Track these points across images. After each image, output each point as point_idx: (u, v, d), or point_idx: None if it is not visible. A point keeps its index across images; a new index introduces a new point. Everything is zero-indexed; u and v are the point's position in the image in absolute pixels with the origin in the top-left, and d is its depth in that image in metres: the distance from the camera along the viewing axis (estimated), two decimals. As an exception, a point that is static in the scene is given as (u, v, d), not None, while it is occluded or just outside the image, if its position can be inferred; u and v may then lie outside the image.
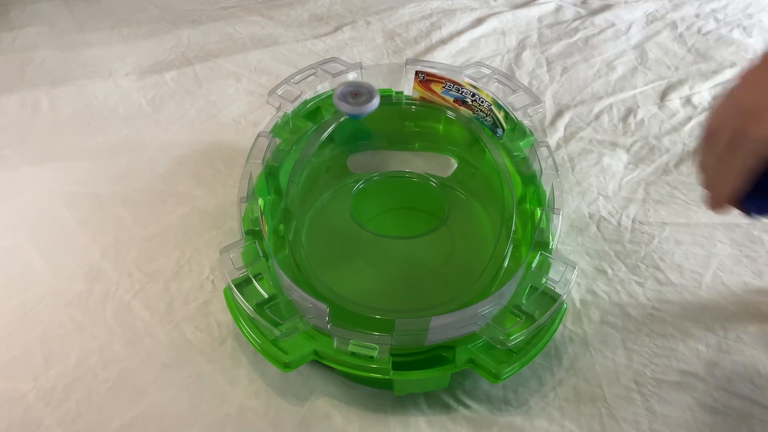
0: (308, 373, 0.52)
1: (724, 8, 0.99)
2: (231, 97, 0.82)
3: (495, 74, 0.66)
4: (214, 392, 0.51)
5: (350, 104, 0.61)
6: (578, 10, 1.00)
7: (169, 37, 0.94)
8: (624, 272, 0.60)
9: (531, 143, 0.62)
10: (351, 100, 0.61)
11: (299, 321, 0.48)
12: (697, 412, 0.50)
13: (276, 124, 0.63)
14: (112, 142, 0.75)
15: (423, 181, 0.66)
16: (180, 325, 0.56)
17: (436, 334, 0.47)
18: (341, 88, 0.62)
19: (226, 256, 0.51)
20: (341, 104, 0.61)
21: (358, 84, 0.63)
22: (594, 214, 0.66)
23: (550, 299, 0.49)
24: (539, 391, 0.51)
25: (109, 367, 0.52)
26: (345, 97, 0.61)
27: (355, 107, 0.61)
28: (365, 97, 0.61)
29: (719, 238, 0.63)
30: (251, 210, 0.54)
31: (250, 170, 0.57)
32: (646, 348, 0.54)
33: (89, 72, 0.87)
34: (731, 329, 0.55)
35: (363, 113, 0.61)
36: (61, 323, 0.56)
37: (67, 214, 0.66)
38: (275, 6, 1.02)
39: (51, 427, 0.49)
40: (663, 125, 0.77)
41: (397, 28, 0.96)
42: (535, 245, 0.53)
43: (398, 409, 0.50)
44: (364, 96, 0.61)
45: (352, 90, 0.62)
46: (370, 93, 0.62)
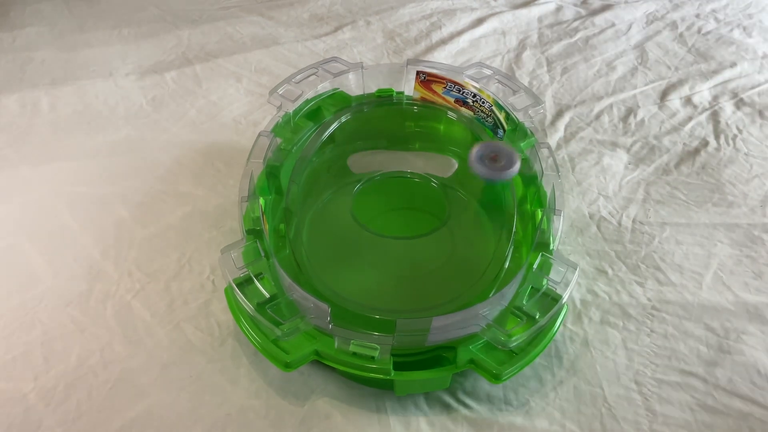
0: (309, 373, 0.52)
1: (724, 8, 0.99)
2: (231, 97, 0.82)
3: (496, 75, 0.66)
4: (214, 392, 0.51)
5: (489, 168, 0.57)
6: (578, 10, 1.00)
7: (169, 37, 0.94)
8: (624, 272, 0.60)
9: (532, 144, 0.62)
10: (489, 164, 0.57)
11: (300, 321, 0.48)
12: (697, 412, 0.50)
13: (277, 124, 0.63)
14: (112, 142, 0.75)
15: (424, 181, 0.66)
16: (180, 325, 0.56)
17: (437, 334, 0.47)
18: (476, 149, 0.58)
19: (227, 255, 0.51)
20: (478, 168, 0.57)
21: (495, 146, 0.59)
22: (594, 215, 0.66)
23: (551, 300, 0.49)
24: (540, 391, 0.51)
25: (110, 367, 0.52)
26: (483, 160, 0.57)
27: (494, 172, 0.57)
28: (505, 161, 0.57)
29: (719, 238, 0.63)
30: (252, 209, 0.54)
31: (250, 170, 0.57)
32: (646, 348, 0.54)
33: (89, 72, 0.87)
34: (731, 329, 0.55)
35: (504, 179, 0.58)
36: (62, 323, 0.56)
37: (67, 214, 0.66)
38: (275, 6, 1.02)
39: (51, 427, 0.49)
40: (663, 125, 0.77)
41: (398, 28, 0.96)
42: (536, 246, 0.53)
43: (399, 409, 0.50)
44: (504, 161, 0.57)
45: (490, 152, 0.58)
46: (510, 157, 0.58)
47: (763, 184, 0.69)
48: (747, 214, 0.66)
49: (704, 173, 0.70)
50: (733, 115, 0.78)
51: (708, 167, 0.71)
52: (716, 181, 0.69)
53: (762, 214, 0.66)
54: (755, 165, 0.71)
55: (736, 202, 0.67)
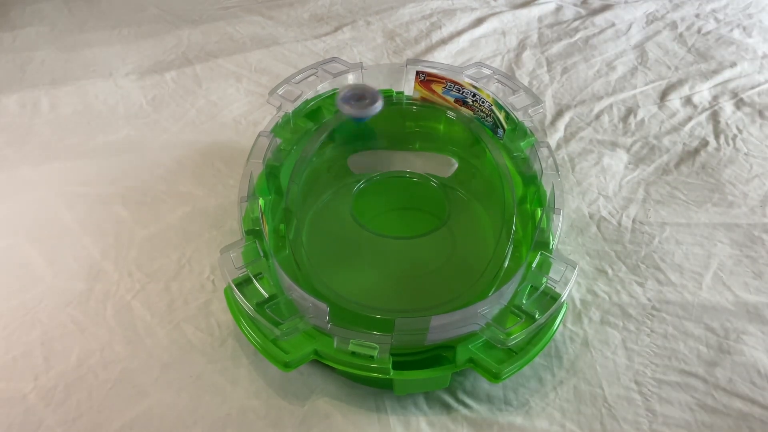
0: (309, 373, 0.52)
1: (724, 8, 0.99)
2: (231, 97, 0.82)
3: (495, 74, 0.66)
4: (214, 392, 0.51)
5: (354, 107, 0.61)
6: (578, 10, 1.00)
7: (169, 37, 0.94)
8: (624, 272, 0.60)
9: (531, 143, 0.62)
10: (354, 103, 0.61)
11: (299, 321, 0.48)
12: (697, 412, 0.50)
13: (277, 124, 0.63)
14: (112, 142, 0.75)
15: (424, 181, 0.66)
16: (180, 325, 0.56)
17: (437, 333, 0.47)
18: (344, 92, 0.62)
19: (227, 255, 0.51)
20: (344, 107, 0.61)
21: (362, 87, 0.62)
22: (594, 214, 0.66)
23: (550, 299, 0.49)
24: (540, 391, 0.51)
25: (110, 367, 0.52)
26: (348, 100, 0.61)
27: (358, 110, 0.61)
28: (369, 99, 0.61)
29: (719, 238, 0.63)
30: (252, 210, 0.54)
31: (250, 170, 0.57)
32: (646, 348, 0.54)
33: (89, 72, 0.87)
34: (731, 329, 0.55)
35: (367, 116, 0.61)
36: (62, 323, 0.56)
37: (67, 214, 0.66)
38: (275, 6, 1.02)
39: (51, 427, 0.49)
40: (663, 125, 0.77)
41: (397, 28, 0.96)
42: (536, 245, 0.53)
43: (398, 409, 0.50)
44: (368, 99, 0.61)
45: (355, 93, 0.62)
46: (373, 96, 0.61)
47: (763, 184, 0.69)
48: (747, 214, 0.66)
49: (704, 173, 0.70)
50: (733, 115, 0.78)
51: (708, 167, 0.71)
52: (716, 181, 0.69)
53: (762, 214, 0.66)
54: (755, 165, 0.71)
55: (736, 202, 0.67)
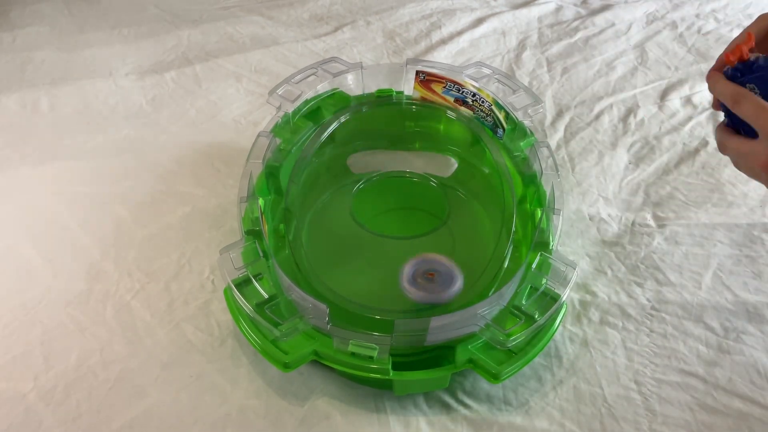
0: (308, 373, 0.52)
1: (724, 8, 0.99)
2: (231, 97, 0.82)
3: (495, 74, 0.66)
4: (214, 392, 0.51)
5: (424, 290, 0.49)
6: (578, 10, 1.00)
7: (169, 37, 0.94)
8: (624, 273, 0.60)
9: (531, 143, 0.62)
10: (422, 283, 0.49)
11: (299, 321, 0.48)
12: (697, 412, 0.50)
13: (276, 124, 0.63)
14: (112, 142, 0.75)
15: (423, 181, 0.66)
16: (180, 325, 0.56)
17: (436, 334, 0.47)
18: (406, 269, 0.50)
19: (226, 256, 0.51)
20: (412, 292, 0.49)
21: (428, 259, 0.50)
22: (594, 216, 0.66)
23: (550, 300, 0.49)
24: (539, 391, 0.51)
25: (110, 367, 0.52)
26: (414, 281, 0.50)
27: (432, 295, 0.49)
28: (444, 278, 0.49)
29: (719, 238, 0.63)
30: (251, 210, 0.54)
31: (250, 170, 0.57)
32: (646, 348, 0.54)
33: (89, 72, 0.87)
34: (731, 329, 0.55)
35: (442, 301, 0.50)
36: (62, 323, 0.56)
37: (67, 214, 0.66)
38: (275, 6, 1.02)
39: (51, 427, 0.49)
40: (663, 125, 0.77)
41: (397, 28, 0.96)
42: (536, 246, 0.53)
43: (398, 409, 0.50)
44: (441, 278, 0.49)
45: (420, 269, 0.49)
46: (449, 274, 0.49)
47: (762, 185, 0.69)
48: (747, 214, 0.65)
49: (704, 173, 0.70)
50: (733, 115, 0.78)
51: (708, 167, 0.71)
52: (716, 181, 0.69)
53: (762, 214, 0.65)
54: (755, 165, 0.71)
55: (735, 202, 0.67)
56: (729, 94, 0.41)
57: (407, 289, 0.50)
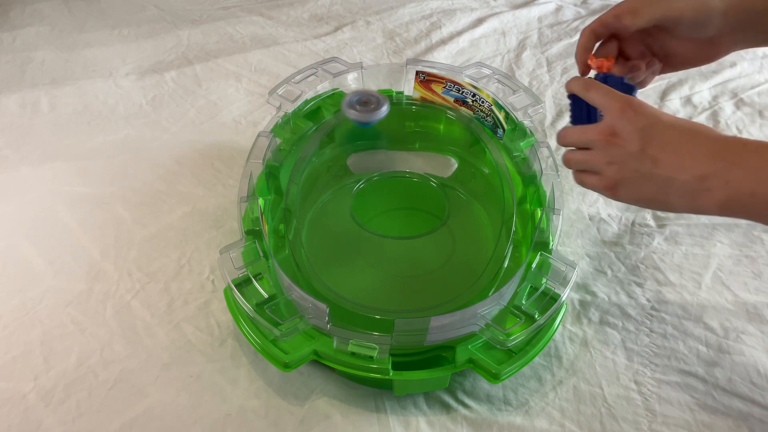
0: (308, 373, 0.52)
1: (724, 8, 0.99)
2: (231, 97, 0.82)
3: (495, 74, 0.67)
4: (214, 392, 0.51)
5: (359, 112, 0.62)
6: (578, 10, 1.00)
7: (169, 37, 0.94)
8: (624, 273, 0.60)
9: (531, 144, 0.62)
10: (360, 108, 0.62)
11: (299, 321, 0.48)
12: (697, 412, 0.50)
13: (276, 124, 0.63)
14: (112, 142, 0.75)
15: (423, 181, 0.66)
16: (180, 325, 0.56)
17: (436, 334, 0.47)
18: (349, 96, 0.63)
19: (226, 255, 0.51)
20: (349, 112, 0.62)
21: (367, 92, 0.64)
22: (594, 215, 0.66)
23: (550, 299, 0.49)
24: (539, 391, 0.51)
25: (110, 367, 0.53)
26: (353, 105, 0.62)
27: (364, 115, 0.62)
28: (374, 104, 0.62)
29: (719, 238, 0.63)
30: (251, 210, 0.54)
31: (250, 170, 0.57)
32: (645, 348, 0.54)
33: (89, 72, 0.87)
34: (731, 329, 0.55)
35: (372, 121, 0.62)
36: (62, 323, 0.56)
37: (67, 214, 0.66)
38: (275, 6, 1.02)
39: (51, 427, 0.49)
40: (663, 125, 0.77)
41: (397, 28, 0.96)
42: (535, 246, 0.53)
43: (398, 409, 0.50)
44: (373, 103, 0.62)
45: (360, 97, 0.63)
46: (378, 100, 0.63)
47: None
48: (747, 214, 0.65)
49: (704, 173, 0.70)
50: (733, 115, 0.78)
51: (708, 167, 0.71)
52: (716, 181, 0.69)
53: (762, 213, 0.65)
54: (755, 165, 0.71)
55: (735, 202, 0.67)
56: (582, 84, 0.47)
57: (346, 111, 0.62)
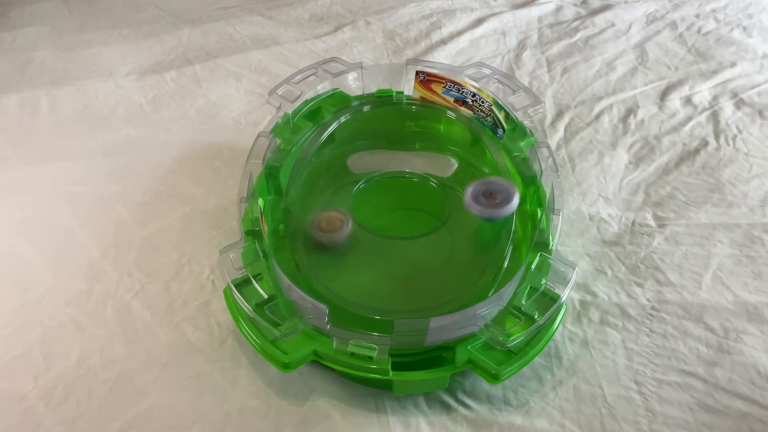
0: (308, 374, 0.52)
1: (724, 8, 0.99)
2: (231, 97, 0.82)
3: (495, 74, 0.66)
4: (214, 392, 0.51)
5: (485, 206, 0.55)
6: (578, 10, 0.99)
7: (169, 37, 0.94)
8: (624, 273, 0.60)
9: (531, 144, 0.62)
10: (484, 201, 0.55)
11: (299, 321, 0.48)
12: (697, 412, 0.50)
13: (276, 124, 0.63)
14: (112, 142, 0.76)
15: (423, 181, 0.66)
16: (180, 325, 0.56)
17: (436, 334, 0.47)
18: (472, 187, 0.56)
19: (226, 256, 0.51)
20: (474, 207, 0.55)
21: (492, 182, 0.56)
22: (594, 216, 0.66)
23: (549, 300, 0.49)
24: (539, 391, 0.51)
25: (110, 367, 0.53)
26: (477, 198, 0.55)
27: (491, 210, 0.55)
28: (502, 196, 0.55)
29: (719, 238, 0.63)
30: (251, 210, 0.54)
31: (250, 170, 0.57)
32: (646, 348, 0.54)
33: (89, 72, 0.87)
34: (731, 329, 0.55)
35: (501, 217, 0.55)
36: (62, 323, 0.56)
37: (67, 214, 0.66)
38: (275, 6, 1.02)
39: (51, 427, 0.49)
40: (663, 125, 0.77)
41: (397, 28, 0.96)
42: (535, 246, 0.53)
43: (398, 409, 0.50)
44: (501, 196, 0.55)
45: (485, 188, 0.55)
46: (507, 192, 0.55)
47: (763, 184, 0.69)
48: (747, 214, 0.65)
49: (704, 173, 0.70)
50: (733, 115, 0.78)
51: (708, 167, 0.71)
52: (716, 181, 0.69)
53: (762, 214, 0.65)
54: (755, 165, 0.71)
55: (735, 202, 0.67)
56: None
57: (471, 206, 0.55)
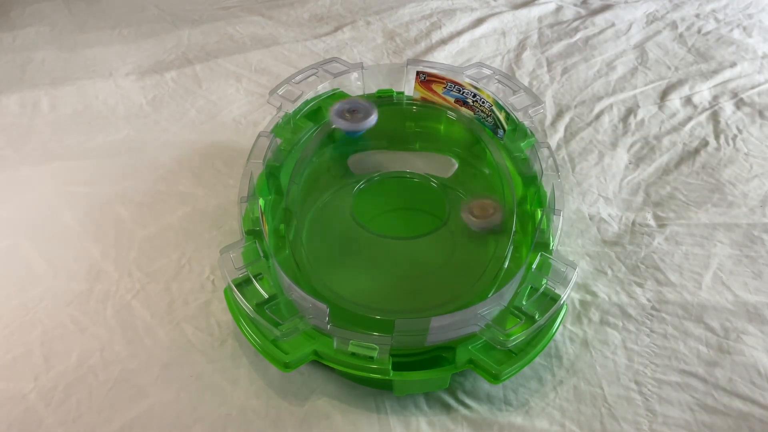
0: (309, 373, 0.52)
1: (724, 8, 0.99)
2: (231, 97, 0.82)
3: (496, 75, 0.66)
4: (214, 392, 0.51)
5: (347, 121, 0.63)
6: (578, 10, 1.00)
7: (169, 37, 0.94)
8: (624, 273, 0.60)
9: (532, 144, 0.62)
10: (348, 116, 0.63)
11: (299, 321, 0.48)
12: (697, 412, 0.50)
13: (277, 124, 0.63)
14: (112, 142, 0.75)
15: (424, 181, 0.66)
16: (180, 325, 0.56)
17: (436, 334, 0.47)
18: (336, 105, 0.63)
19: (227, 256, 0.51)
20: (337, 121, 0.63)
21: (354, 100, 0.64)
22: (594, 216, 0.66)
23: (550, 300, 0.49)
24: (540, 391, 0.51)
25: (110, 367, 0.53)
26: (341, 114, 0.63)
27: (351, 124, 0.63)
28: (362, 113, 0.63)
29: (719, 238, 0.63)
30: (252, 210, 0.54)
31: (250, 170, 0.57)
32: (646, 348, 0.54)
33: (89, 72, 0.87)
34: (731, 329, 0.55)
35: (360, 130, 0.63)
36: (62, 323, 0.56)
37: (67, 214, 0.66)
38: (275, 6, 1.02)
39: (51, 427, 0.49)
40: (663, 125, 0.77)
41: (397, 28, 0.96)
42: (536, 246, 0.53)
43: (398, 409, 0.50)
44: (361, 112, 0.63)
45: (348, 107, 0.63)
46: (366, 109, 0.63)
47: (763, 184, 0.69)
48: (747, 214, 0.66)
49: (704, 173, 0.70)
50: (733, 115, 0.78)
51: (708, 167, 0.71)
52: (716, 181, 0.69)
53: (762, 214, 0.66)
54: (755, 165, 0.71)
55: (736, 202, 0.67)
56: None
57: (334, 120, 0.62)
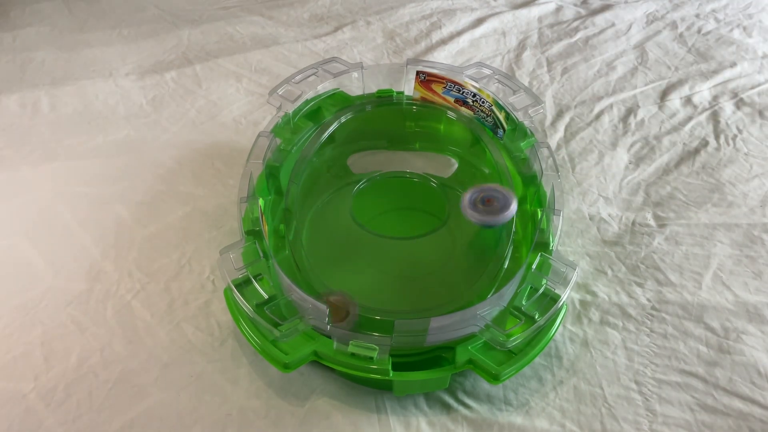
0: (309, 374, 0.52)
1: (724, 8, 0.99)
2: (231, 97, 0.82)
3: (496, 74, 0.67)
4: (214, 392, 0.51)
5: (481, 213, 0.54)
6: (578, 10, 1.00)
7: (169, 37, 0.94)
8: (624, 273, 0.60)
9: (532, 144, 0.62)
10: (481, 208, 0.54)
11: (299, 321, 0.48)
12: (697, 412, 0.50)
13: (277, 124, 0.63)
14: (112, 142, 0.76)
15: (423, 181, 0.66)
16: (180, 325, 0.56)
17: (436, 335, 0.47)
18: (469, 194, 0.55)
19: (227, 256, 0.51)
20: (470, 213, 0.55)
21: (490, 188, 0.56)
22: (594, 216, 0.66)
23: (550, 300, 0.49)
24: (540, 391, 0.51)
25: (110, 367, 0.53)
26: (474, 204, 0.55)
27: (488, 217, 0.54)
28: (500, 203, 0.54)
29: (719, 238, 0.63)
30: (251, 210, 0.54)
31: (250, 170, 0.57)
32: (646, 348, 0.54)
33: (89, 72, 0.87)
34: (731, 329, 0.55)
35: (498, 224, 0.55)
36: (62, 323, 0.56)
37: (67, 214, 0.66)
38: (275, 6, 1.02)
39: (52, 427, 0.49)
40: (663, 125, 0.77)
41: (398, 28, 0.96)
42: (536, 246, 0.53)
43: (398, 410, 0.50)
44: (500, 202, 0.54)
45: (482, 195, 0.55)
46: (505, 199, 0.54)
47: (763, 184, 0.69)
48: (747, 214, 0.66)
49: (704, 173, 0.70)
50: (733, 115, 0.78)
51: (708, 167, 0.71)
52: (716, 181, 0.69)
53: (762, 214, 0.66)
54: (755, 165, 0.71)
55: (735, 202, 0.67)
56: None
57: (469, 213, 0.55)
